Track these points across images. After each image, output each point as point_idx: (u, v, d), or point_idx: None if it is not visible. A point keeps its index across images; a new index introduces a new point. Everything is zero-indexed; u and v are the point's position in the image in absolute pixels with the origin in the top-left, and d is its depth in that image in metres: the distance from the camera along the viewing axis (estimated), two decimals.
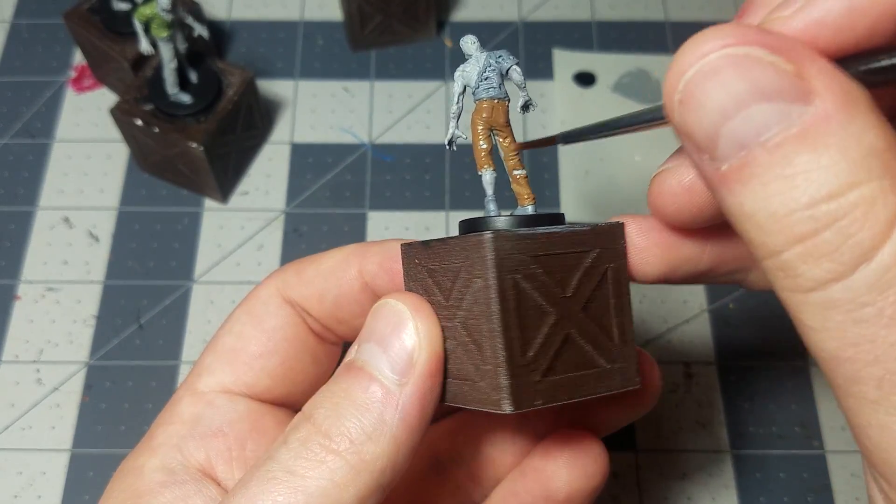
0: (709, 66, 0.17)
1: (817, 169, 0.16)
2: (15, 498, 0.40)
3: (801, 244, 0.16)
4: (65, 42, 0.52)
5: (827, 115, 0.16)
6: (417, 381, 0.23)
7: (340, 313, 0.29)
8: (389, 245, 0.28)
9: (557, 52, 0.52)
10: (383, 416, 0.22)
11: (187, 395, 0.28)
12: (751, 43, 0.16)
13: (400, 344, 0.23)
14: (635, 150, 0.49)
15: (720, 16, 0.54)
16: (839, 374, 0.17)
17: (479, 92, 0.25)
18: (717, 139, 0.17)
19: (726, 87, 0.17)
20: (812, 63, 0.16)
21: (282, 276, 0.29)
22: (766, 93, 0.16)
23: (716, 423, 0.42)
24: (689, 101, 0.17)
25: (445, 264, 0.24)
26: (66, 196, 0.47)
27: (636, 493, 0.40)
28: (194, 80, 0.44)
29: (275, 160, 0.49)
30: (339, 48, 0.52)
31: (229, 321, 0.29)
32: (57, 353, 0.43)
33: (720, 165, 0.17)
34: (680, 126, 0.18)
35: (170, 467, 0.26)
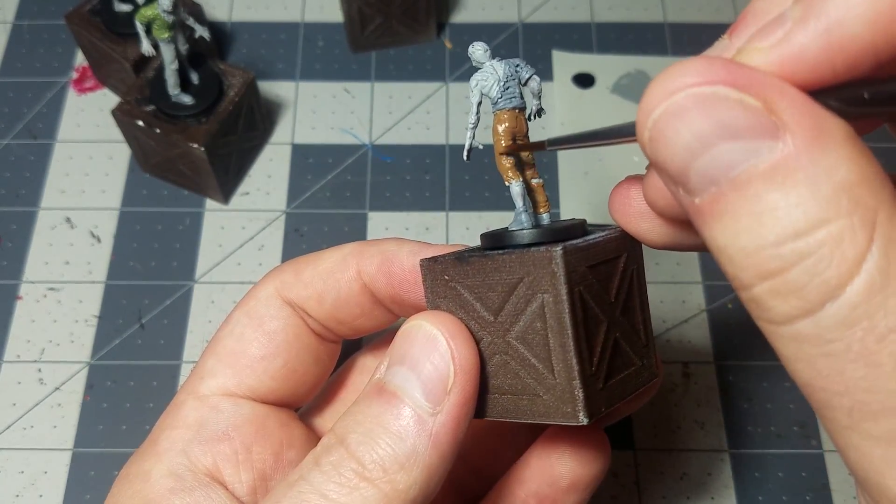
0: (674, 107, 0.17)
1: (785, 207, 0.16)
2: (17, 497, 0.40)
3: (769, 281, 0.16)
4: (66, 43, 0.52)
5: (797, 150, 0.16)
6: (451, 410, 0.22)
7: (340, 314, 0.29)
8: (387, 246, 0.28)
9: (556, 53, 0.52)
10: (416, 445, 0.22)
11: (190, 398, 0.28)
12: (717, 82, 0.16)
13: (434, 372, 0.22)
14: (634, 151, 0.49)
15: (718, 17, 0.54)
16: (814, 400, 0.17)
17: (501, 102, 0.25)
18: (688, 174, 0.17)
19: (691, 127, 0.17)
20: (782, 97, 0.16)
21: (280, 277, 0.29)
22: (733, 131, 0.16)
23: (714, 423, 0.42)
24: (657, 138, 0.17)
25: (494, 279, 0.23)
26: (67, 196, 0.48)
27: (635, 493, 0.41)
28: (195, 82, 0.44)
29: (276, 161, 0.49)
30: (339, 49, 0.53)
31: (229, 323, 0.29)
32: (58, 353, 0.43)
33: (694, 198, 0.17)
34: (652, 159, 0.18)
35: (178, 473, 0.26)
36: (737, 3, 0.54)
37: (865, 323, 0.15)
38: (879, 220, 0.15)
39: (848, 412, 0.16)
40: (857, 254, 0.15)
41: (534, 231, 0.24)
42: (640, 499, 0.41)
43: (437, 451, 0.22)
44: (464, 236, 0.47)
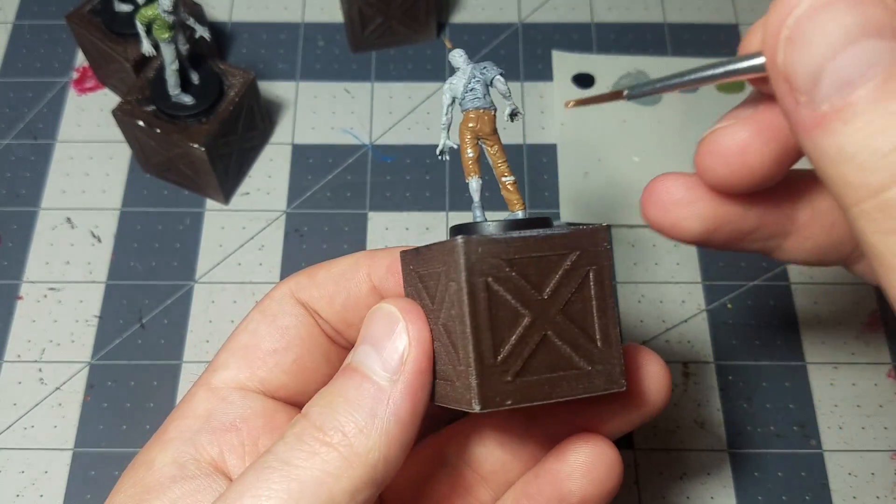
0: (821, 2, 0.17)
1: None
2: (17, 497, 0.40)
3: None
4: (67, 43, 0.52)
5: None
6: (407, 379, 0.24)
7: (349, 316, 0.29)
8: (398, 250, 0.29)
9: (556, 53, 0.52)
10: (375, 411, 0.23)
11: (202, 390, 0.28)
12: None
13: (391, 344, 0.24)
14: (634, 151, 0.49)
15: (718, 17, 0.54)
16: None
17: (465, 103, 0.26)
18: (822, 76, 0.17)
19: (838, 21, 0.16)
20: None
21: (295, 279, 0.30)
22: (876, 29, 0.16)
23: (714, 423, 0.42)
24: (797, 36, 0.17)
25: (431, 269, 0.25)
26: (68, 196, 0.48)
27: (635, 492, 0.41)
28: (196, 82, 0.44)
29: (276, 161, 0.49)
30: (339, 50, 0.53)
31: (244, 321, 0.30)
32: (59, 353, 0.43)
33: (821, 106, 0.17)
34: (782, 66, 0.18)
35: (181, 462, 0.26)
36: (737, 4, 0.54)
37: None
38: None
39: None
40: None
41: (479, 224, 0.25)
42: (640, 498, 0.41)
43: (396, 418, 0.23)
44: None
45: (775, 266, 0.46)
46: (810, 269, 0.46)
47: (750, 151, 0.22)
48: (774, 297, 0.45)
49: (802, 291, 0.46)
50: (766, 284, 0.46)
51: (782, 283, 0.46)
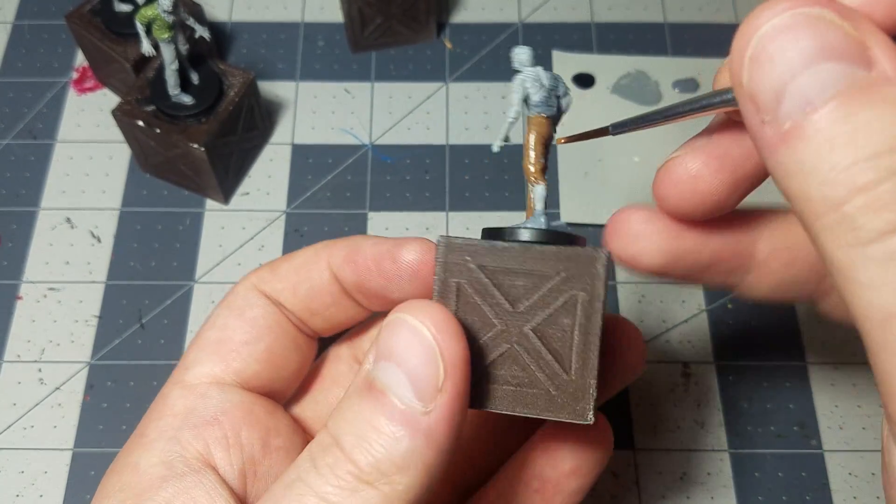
0: (783, 23, 0.18)
1: (880, 124, 0.17)
2: (17, 497, 0.40)
3: (862, 195, 0.17)
4: (66, 43, 0.52)
5: (886, 78, 0.17)
6: (444, 408, 0.22)
7: (313, 304, 0.30)
8: (355, 240, 0.29)
9: (556, 53, 0.52)
10: (412, 446, 0.21)
11: (176, 388, 0.28)
12: (823, 5, 0.17)
13: (422, 369, 0.22)
14: (634, 152, 0.49)
15: (718, 17, 0.54)
16: (892, 331, 0.17)
17: (541, 108, 0.25)
18: (783, 95, 0.18)
19: (798, 43, 0.17)
20: (872, 33, 0.17)
21: (257, 274, 0.30)
22: (835, 52, 0.17)
23: (714, 423, 0.42)
24: (760, 56, 0.18)
25: (524, 269, 0.23)
26: (67, 196, 0.48)
27: (635, 492, 0.41)
28: (196, 82, 0.44)
29: (276, 161, 0.49)
30: (339, 50, 0.53)
31: (210, 319, 0.30)
32: (59, 353, 0.43)
33: (783, 124, 0.18)
34: (747, 86, 0.18)
35: (168, 461, 0.26)
36: (737, 4, 0.54)
37: None
38: None
39: None
40: None
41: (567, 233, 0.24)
42: (640, 498, 0.41)
43: (434, 449, 0.22)
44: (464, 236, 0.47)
45: None
46: None
47: (701, 179, 0.23)
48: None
49: None
50: None
51: None
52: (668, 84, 0.51)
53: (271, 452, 0.28)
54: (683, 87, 0.51)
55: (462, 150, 0.49)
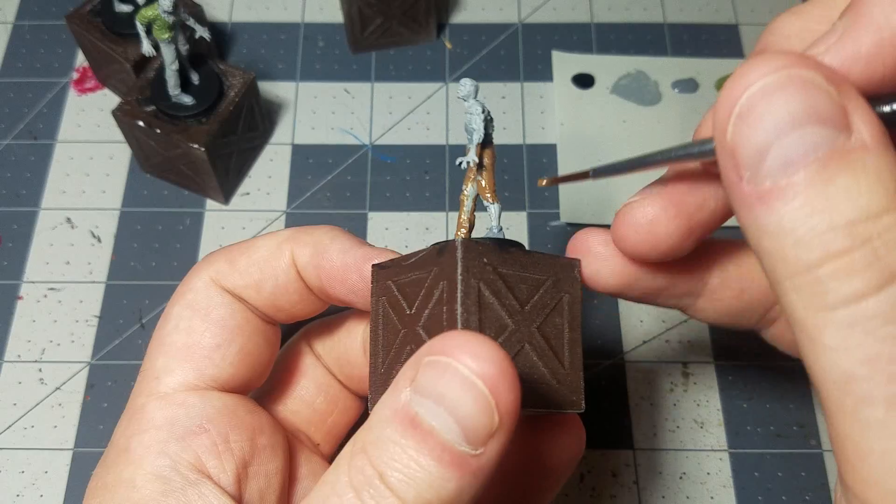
0: (775, 82, 0.18)
1: (857, 192, 0.17)
2: (17, 497, 0.40)
3: (834, 261, 0.17)
4: (67, 44, 0.52)
5: (866, 145, 0.17)
6: (494, 451, 0.21)
7: (279, 302, 0.29)
8: (320, 237, 0.28)
9: (556, 53, 0.52)
10: (461, 485, 0.21)
11: (151, 400, 0.27)
12: (813, 69, 0.18)
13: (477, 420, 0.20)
14: (634, 151, 0.49)
15: (718, 18, 0.54)
16: (850, 394, 0.17)
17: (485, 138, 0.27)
18: (767, 154, 0.18)
19: (788, 105, 0.18)
20: (853, 99, 0.18)
21: (213, 266, 0.29)
22: (821, 117, 0.17)
23: (714, 423, 0.42)
24: (748, 114, 0.18)
25: (527, 273, 0.25)
26: (68, 197, 0.48)
27: (635, 492, 0.41)
28: (196, 82, 0.44)
29: (276, 161, 0.49)
30: (339, 50, 0.53)
31: (170, 319, 0.28)
32: (59, 353, 0.43)
33: (763, 182, 0.18)
34: (730, 141, 0.19)
35: (162, 475, 0.25)
36: (736, 4, 0.54)
37: None
38: None
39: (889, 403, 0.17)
40: None
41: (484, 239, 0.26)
42: (640, 498, 0.41)
43: (480, 483, 0.21)
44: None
45: None
46: None
47: (658, 225, 0.24)
48: None
49: None
50: None
51: None
52: (668, 84, 0.51)
53: (259, 451, 0.28)
54: (683, 88, 0.51)
55: (462, 151, 0.49)
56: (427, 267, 0.25)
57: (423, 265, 0.25)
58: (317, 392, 0.33)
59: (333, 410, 0.33)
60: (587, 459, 0.41)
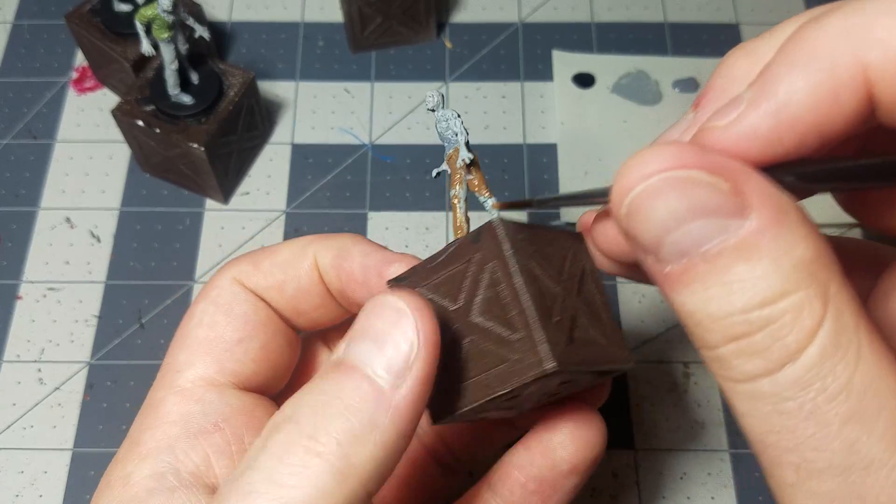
0: (652, 188, 0.18)
1: (752, 278, 0.18)
2: (17, 497, 0.40)
3: (735, 343, 0.18)
4: (66, 43, 0.52)
5: (761, 228, 0.18)
6: (413, 384, 0.21)
7: (301, 304, 0.29)
8: (342, 241, 0.28)
9: (557, 53, 0.52)
10: (375, 417, 0.21)
11: (170, 394, 0.27)
12: (691, 166, 0.18)
13: (398, 343, 0.22)
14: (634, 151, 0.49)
15: (718, 17, 0.54)
16: (763, 457, 0.19)
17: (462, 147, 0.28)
18: (661, 246, 0.19)
19: (667, 206, 0.18)
20: (747, 180, 0.18)
21: (238, 267, 0.29)
22: (705, 210, 0.18)
23: (714, 423, 0.42)
24: (633, 214, 0.19)
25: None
26: (67, 196, 0.48)
27: (635, 492, 0.41)
28: (195, 81, 0.44)
29: (275, 161, 0.49)
30: (339, 49, 0.53)
31: (194, 315, 0.28)
32: (58, 353, 0.43)
33: (664, 267, 0.19)
34: (626, 231, 0.19)
35: (159, 473, 0.25)
36: (737, 3, 0.54)
37: (818, 384, 0.17)
38: (832, 293, 0.18)
39: (795, 469, 0.18)
40: (814, 322, 0.17)
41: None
42: (641, 498, 0.41)
43: (396, 427, 0.21)
44: None
45: None
46: None
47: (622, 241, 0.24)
48: None
49: None
50: None
51: None
52: (668, 84, 0.51)
53: None
54: (683, 87, 0.51)
55: None
56: (462, 258, 0.24)
57: (457, 258, 0.25)
58: None
59: None
60: None
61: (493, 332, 0.24)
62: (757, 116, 0.19)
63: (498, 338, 0.24)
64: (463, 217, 0.27)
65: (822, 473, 0.17)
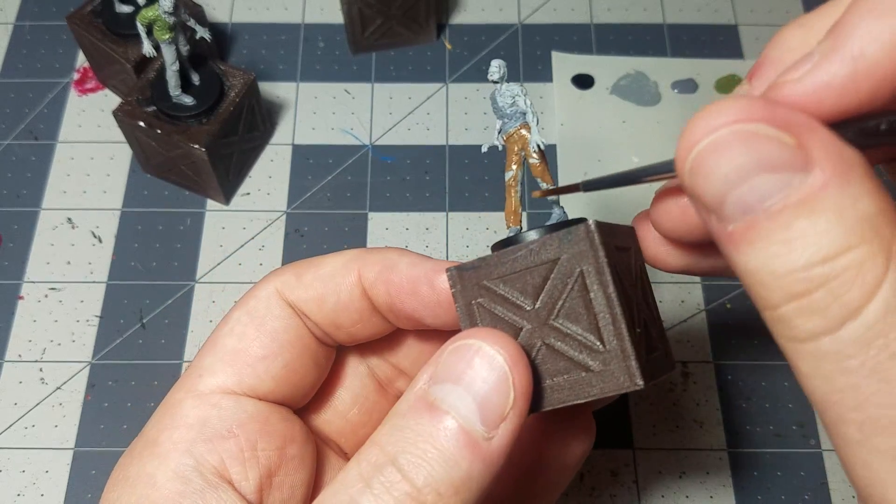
0: (718, 141, 0.18)
1: (814, 234, 0.17)
2: (18, 496, 0.40)
3: (796, 301, 0.18)
4: (68, 44, 0.53)
5: (825, 183, 0.17)
6: (507, 435, 0.22)
7: (340, 319, 0.29)
8: (388, 255, 0.28)
9: (556, 54, 0.53)
10: (471, 470, 0.22)
11: (189, 397, 0.27)
12: (758, 119, 0.18)
13: (493, 397, 0.22)
14: (633, 151, 0.49)
15: (717, 18, 0.54)
16: (827, 415, 0.18)
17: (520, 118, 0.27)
18: (724, 204, 0.18)
19: (733, 161, 0.18)
20: (812, 134, 0.18)
21: (281, 278, 0.29)
22: (770, 165, 0.18)
23: (713, 422, 0.42)
24: (698, 170, 0.19)
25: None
26: (69, 197, 0.48)
27: (634, 492, 0.41)
28: (196, 82, 0.44)
29: (276, 161, 0.49)
30: (339, 51, 0.53)
31: (228, 322, 0.29)
32: (60, 353, 0.44)
33: (727, 226, 0.19)
34: (689, 189, 0.19)
35: (184, 475, 0.25)
36: (735, 5, 0.55)
37: (881, 341, 0.17)
38: (895, 249, 0.17)
39: (859, 427, 0.18)
40: (876, 278, 0.17)
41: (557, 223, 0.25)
42: (640, 497, 0.41)
43: (490, 473, 0.22)
44: (464, 236, 0.47)
45: None
46: None
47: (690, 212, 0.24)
48: None
49: None
50: None
51: None
52: (667, 85, 0.52)
53: (287, 461, 0.28)
54: (682, 88, 0.51)
55: (462, 151, 0.49)
56: (547, 256, 0.24)
57: (539, 255, 0.24)
58: (352, 403, 0.33)
59: (367, 422, 0.33)
60: (587, 459, 0.41)
61: (577, 338, 0.23)
62: (833, 66, 0.19)
63: (582, 345, 0.23)
64: (518, 202, 0.26)
65: (887, 430, 0.17)
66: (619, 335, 0.23)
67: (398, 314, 0.28)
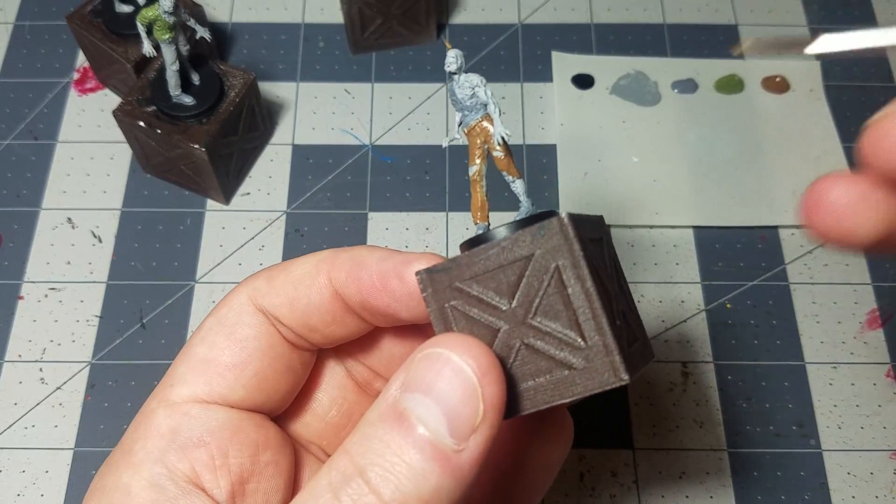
0: None
1: None
2: (18, 496, 0.40)
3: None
4: (68, 44, 0.53)
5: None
6: (476, 448, 0.22)
7: (312, 321, 0.28)
8: (357, 252, 0.28)
9: (556, 54, 0.53)
10: (440, 484, 0.21)
11: (161, 407, 0.27)
12: None
13: (462, 409, 0.22)
14: (633, 151, 0.49)
15: (717, 18, 0.54)
16: None
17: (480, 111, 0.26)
18: None
19: None
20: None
21: (253, 284, 0.29)
22: None
23: (713, 422, 0.42)
24: None
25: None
26: (69, 197, 0.48)
27: (634, 492, 0.41)
28: (196, 82, 0.44)
29: (276, 161, 0.49)
30: (340, 50, 0.53)
31: (201, 330, 0.29)
32: (60, 353, 0.44)
33: None
34: None
35: (158, 483, 0.25)
36: (735, 5, 0.55)
37: None
38: None
39: None
40: None
41: (526, 218, 0.24)
42: (639, 498, 0.41)
43: (461, 487, 0.22)
44: (464, 236, 0.47)
45: (775, 266, 0.46)
46: (810, 269, 0.46)
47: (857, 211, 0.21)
48: (773, 297, 0.45)
49: (801, 291, 0.46)
50: (765, 284, 0.46)
51: (782, 283, 0.46)
52: (667, 85, 0.52)
53: (260, 468, 0.27)
54: (682, 88, 0.51)
55: (462, 151, 0.49)
56: (520, 253, 0.23)
57: (512, 252, 0.23)
58: (330, 405, 0.33)
59: (347, 423, 0.33)
60: (587, 459, 0.41)
61: (557, 336, 0.23)
62: None
63: (562, 342, 0.23)
64: (483, 197, 0.26)
65: None
66: (600, 330, 0.22)
67: (372, 311, 0.28)
